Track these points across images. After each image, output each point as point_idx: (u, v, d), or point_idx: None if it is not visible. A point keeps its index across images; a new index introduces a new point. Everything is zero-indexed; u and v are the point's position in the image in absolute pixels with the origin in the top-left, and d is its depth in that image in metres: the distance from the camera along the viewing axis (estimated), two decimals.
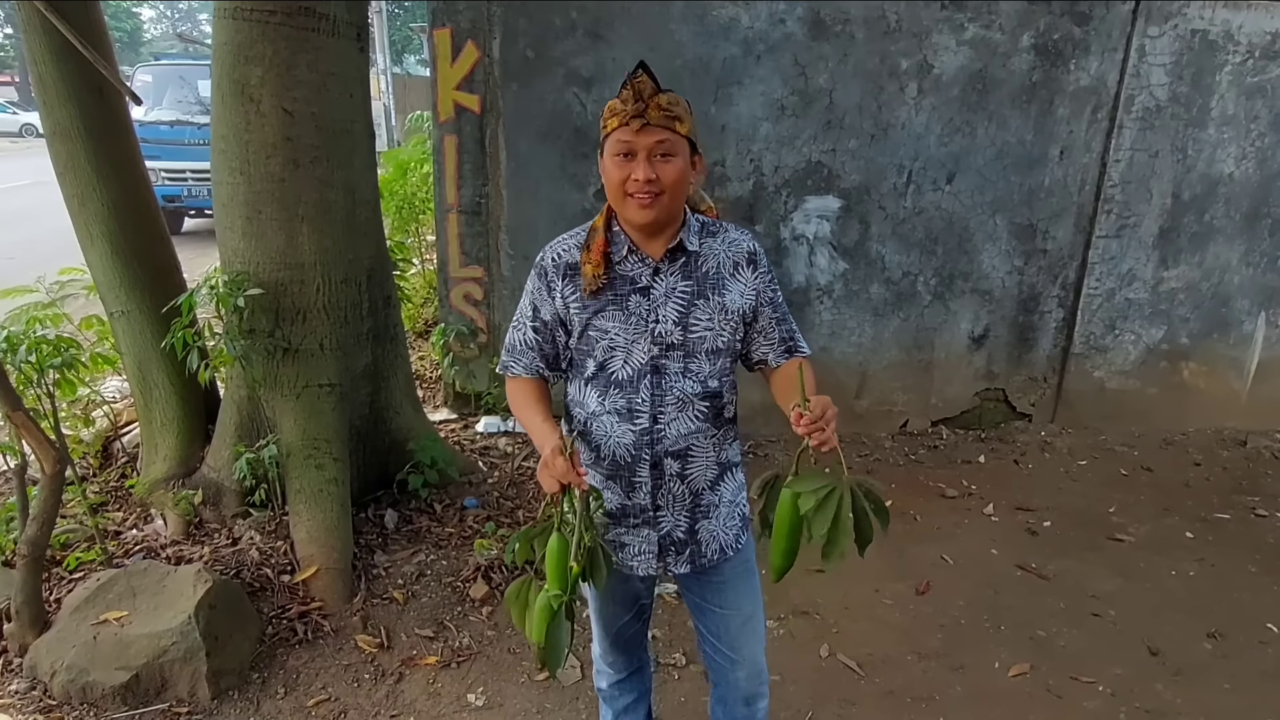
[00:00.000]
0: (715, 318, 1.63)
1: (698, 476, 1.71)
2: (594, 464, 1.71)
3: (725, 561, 1.80)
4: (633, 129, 1.49)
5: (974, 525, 3.73)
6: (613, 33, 3.99)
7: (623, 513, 1.73)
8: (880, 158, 4.27)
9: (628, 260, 1.63)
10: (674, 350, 1.62)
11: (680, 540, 1.75)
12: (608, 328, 1.63)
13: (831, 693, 2.64)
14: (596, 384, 1.67)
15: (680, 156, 1.53)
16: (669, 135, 1.50)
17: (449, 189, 4.15)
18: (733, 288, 1.64)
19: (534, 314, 1.71)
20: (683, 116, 1.52)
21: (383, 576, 3.06)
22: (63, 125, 3.04)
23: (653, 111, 1.49)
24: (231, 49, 2.83)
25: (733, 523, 1.80)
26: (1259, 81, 4.27)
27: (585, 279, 1.61)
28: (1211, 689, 2.71)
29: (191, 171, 9.40)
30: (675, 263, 1.62)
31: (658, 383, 1.63)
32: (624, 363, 1.64)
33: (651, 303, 1.61)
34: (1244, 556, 3.52)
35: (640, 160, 1.50)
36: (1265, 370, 4.77)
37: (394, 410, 3.49)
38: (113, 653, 2.43)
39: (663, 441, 1.65)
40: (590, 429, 1.69)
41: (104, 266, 3.19)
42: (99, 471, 3.56)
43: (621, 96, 1.51)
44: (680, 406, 1.64)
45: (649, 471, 1.68)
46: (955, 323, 4.57)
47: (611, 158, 1.53)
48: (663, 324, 1.61)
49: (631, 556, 1.76)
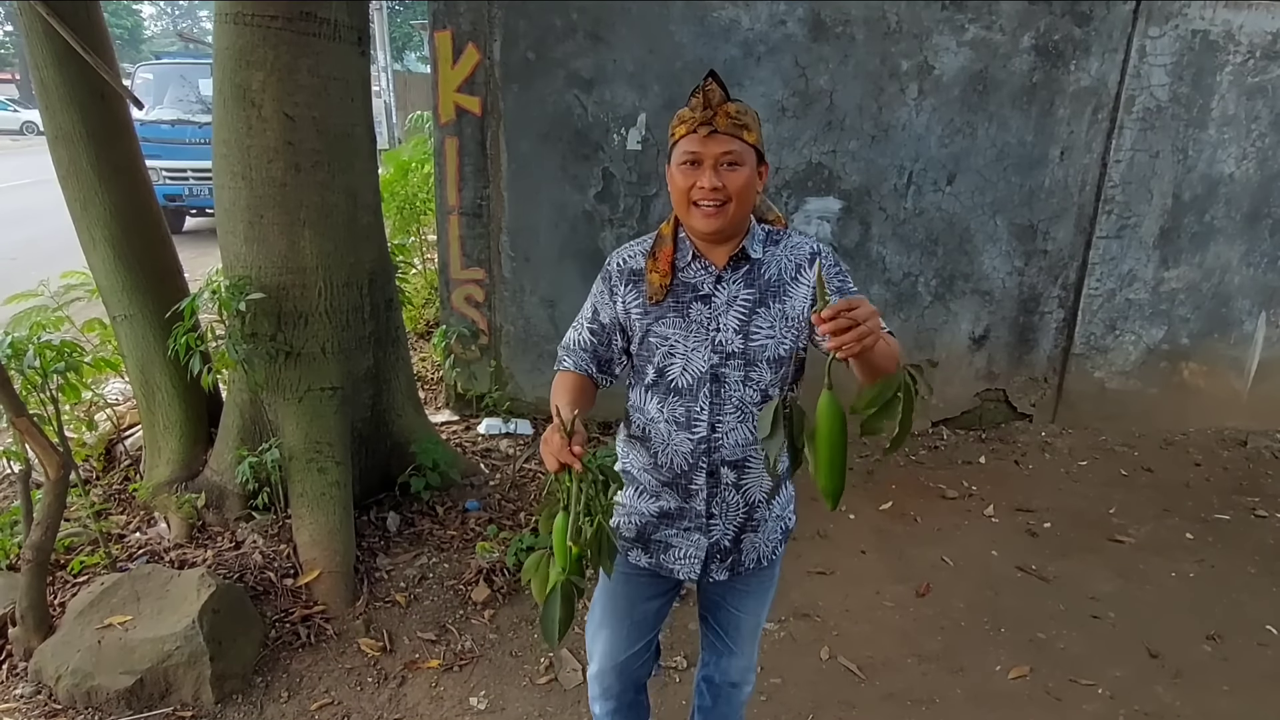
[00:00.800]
0: (777, 325, 1.60)
1: (753, 488, 1.70)
2: (651, 470, 1.71)
3: (755, 576, 1.81)
4: (700, 136, 1.48)
5: (974, 526, 3.74)
6: (613, 34, 3.99)
7: (679, 514, 1.72)
8: (881, 159, 4.27)
9: (691, 267, 1.62)
10: (734, 359, 1.60)
11: (725, 549, 1.75)
12: (668, 334, 1.62)
13: (832, 695, 2.65)
14: (656, 391, 1.66)
15: (747, 165, 1.51)
16: (736, 144, 1.49)
17: (450, 191, 4.16)
18: (795, 293, 1.61)
19: (593, 315, 1.71)
20: (751, 125, 1.51)
21: (385, 579, 3.07)
22: (65, 129, 3.04)
23: (721, 119, 1.47)
24: (233, 54, 2.83)
25: (774, 536, 1.80)
26: (1260, 82, 4.27)
27: (651, 287, 1.61)
28: (1211, 691, 2.72)
29: (193, 170, 9.41)
30: (738, 270, 1.61)
31: (717, 391, 1.62)
32: (683, 370, 1.63)
33: (713, 310, 1.60)
34: (1244, 558, 3.53)
35: (706, 168, 1.49)
36: (1266, 370, 4.77)
37: (396, 413, 3.50)
38: (117, 657, 2.45)
39: (720, 451, 1.64)
40: (649, 435, 1.69)
41: (106, 270, 3.20)
42: (102, 474, 3.57)
43: (690, 104, 1.50)
44: (740, 416, 1.62)
45: (705, 480, 1.67)
46: (956, 323, 4.57)
47: (678, 166, 1.52)
48: (723, 332, 1.60)
49: (675, 559, 1.76)
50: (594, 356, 1.72)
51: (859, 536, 3.60)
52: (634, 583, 1.82)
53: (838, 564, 3.39)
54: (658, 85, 4.07)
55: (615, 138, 4.14)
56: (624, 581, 1.81)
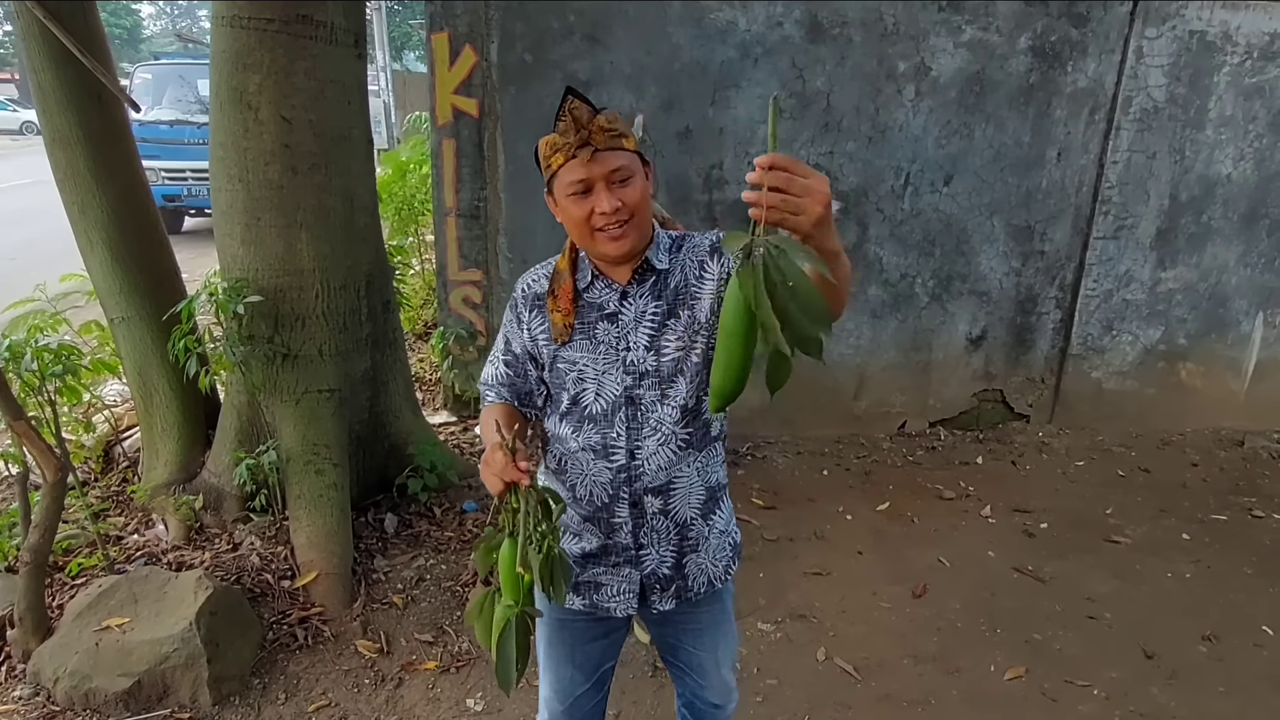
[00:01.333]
0: (685, 334, 1.49)
1: (682, 509, 1.59)
2: (572, 504, 1.60)
3: (704, 609, 1.70)
4: (581, 160, 1.37)
5: (971, 527, 3.74)
6: (610, 36, 4.00)
7: (603, 552, 1.61)
8: (878, 160, 4.27)
9: (594, 287, 1.52)
10: (648, 378, 1.50)
11: (665, 577, 1.63)
12: (576, 359, 1.53)
13: (828, 696, 2.66)
14: (571, 419, 1.56)
15: (637, 175, 1.42)
16: (621, 156, 1.39)
17: (447, 193, 4.16)
18: (702, 291, 1.49)
19: (506, 346, 1.64)
20: (625, 131, 1.41)
21: (382, 581, 3.08)
22: (62, 132, 3.05)
23: (597, 136, 1.37)
24: (229, 57, 2.84)
25: (723, 554, 1.68)
26: (1257, 82, 4.27)
27: (554, 329, 1.52)
28: (1206, 692, 2.73)
29: (191, 171, 9.42)
30: (644, 284, 1.51)
31: (633, 415, 1.52)
32: (596, 395, 1.53)
33: (621, 329, 1.50)
34: (1240, 558, 3.53)
35: (599, 191, 1.39)
36: (1263, 370, 4.78)
37: (393, 414, 3.51)
38: (115, 659, 2.45)
39: (641, 479, 1.54)
40: (566, 467, 1.58)
41: (104, 273, 3.21)
42: (100, 476, 3.58)
43: (559, 129, 1.39)
44: (660, 440, 1.52)
45: (628, 511, 1.56)
46: (953, 324, 4.58)
47: (567, 197, 1.41)
48: (634, 351, 1.50)
49: (609, 597, 1.64)
50: (513, 389, 1.63)
51: (856, 537, 3.61)
52: (570, 628, 1.71)
53: (834, 565, 3.39)
54: (655, 87, 4.07)
55: None
56: (559, 627, 1.71)
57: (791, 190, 1.04)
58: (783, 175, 1.04)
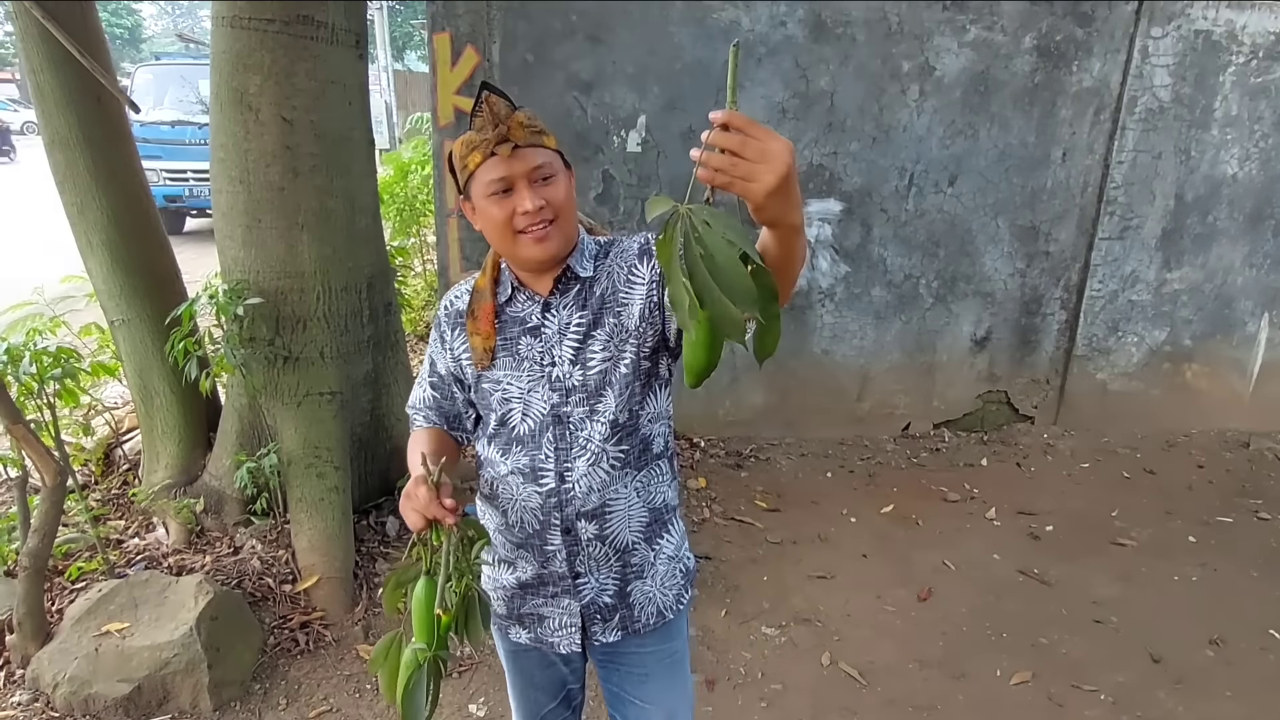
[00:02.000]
0: (611, 343, 1.39)
1: (621, 533, 1.47)
2: (504, 531, 1.51)
3: (651, 648, 1.58)
4: (501, 158, 1.28)
5: (976, 530, 3.72)
6: (613, 36, 3.98)
7: (539, 582, 1.51)
8: (882, 160, 4.25)
9: (515, 300, 1.43)
10: (574, 393, 1.41)
11: (608, 606, 1.52)
12: (500, 378, 1.44)
13: (833, 702, 2.64)
14: (499, 441, 1.47)
15: (560, 174, 1.34)
16: (543, 153, 1.31)
17: (449, 193, 4.14)
18: (632, 297, 1.38)
19: (431, 368, 1.55)
20: (546, 129, 1.33)
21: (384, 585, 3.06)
22: (61, 134, 3.03)
23: (516, 131, 1.29)
24: (230, 57, 2.82)
25: (673, 581, 1.56)
26: (1263, 82, 4.25)
27: (475, 354, 1.44)
28: (1213, 697, 2.71)
29: (193, 171, 9.41)
30: (567, 293, 1.41)
31: (561, 434, 1.42)
32: (523, 415, 1.43)
33: (544, 343, 1.41)
34: (1246, 561, 3.51)
35: (520, 190, 1.30)
36: (1269, 372, 4.75)
37: (395, 417, 3.49)
38: (115, 664, 2.44)
39: (572, 503, 1.43)
40: (497, 492, 1.49)
41: (104, 275, 3.19)
42: (101, 479, 3.56)
43: (475, 126, 1.30)
44: (591, 459, 1.42)
45: (561, 538, 1.46)
46: (957, 325, 4.55)
47: (487, 198, 1.31)
48: (559, 366, 1.40)
49: (552, 631, 1.54)
50: (440, 413, 1.55)
51: (860, 540, 3.59)
52: (525, 658, 1.64)
53: (839, 568, 3.37)
54: (658, 87, 4.05)
55: (615, 140, 4.13)
56: (514, 657, 1.65)
57: (746, 153, 0.93)
58: (737, 137, 0.93)
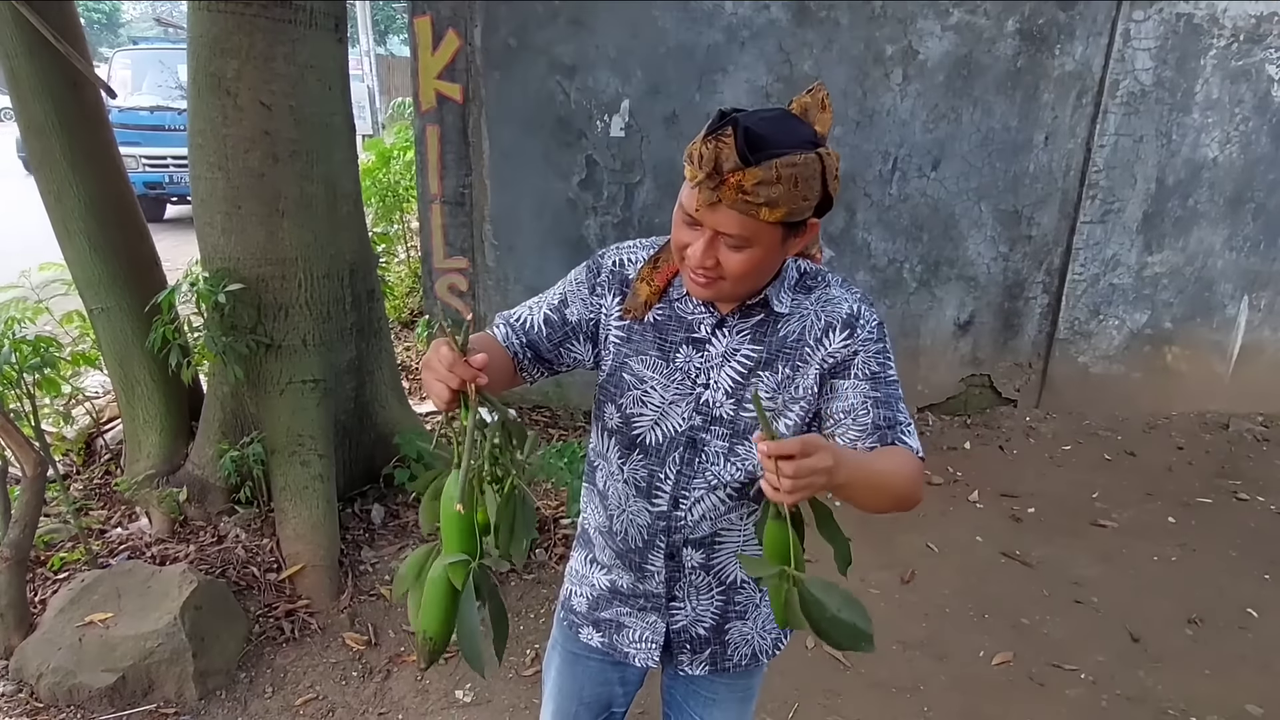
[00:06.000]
0: (781, 394, 1.25)
1: (729, 566, 1.37)
2: (606, 535, 1.40)
3: (728, 680, 1.47)
4: (700, 200, 1.09)
5: (959, 512, 3.75)
6: (595, 19, 3.95)
7: (632, 593, 1.41)
8: (865, 145, 4.25)
9: (689, 299, 1.27)
10: (719, 425, 1.27)
11: (701, 638, 1.42)
12: (645, 376, 1.29)
13: (816, 684, 2.66)
14: (619, 440, 1.34)
15: (759, 245, 1.12)
16: (747, 224, 1.09)
17: (432, 179, 4.12)
18: (814, 358, 1.24)
19: (559, 304, 1.34)
20: (777, 201, 1.06)
21: (370, 573, 3.06)
22: (37, 120, 2.98)
23: (728, 192, 1.06)
24: (206, 41, 2.78)
25: (773, 625, 1.44)
26: (1243, 65, 4.27)
27: (633, 299, 1.27)
28: (1192, 674, 2.75)
29: (173, 158, 9.28)
30: (749, 319, 1.25)
31: (690, 460, 1.29)
32: (655, 424, 1.30)
33: (705, 360, 1.26)
34: (1225, 541, 3.56)
35: (703, 238, 1.13)
36: (1248, 354, 4.80)
37: (379, 404, 3.47)
38: (99, 655, 2.43)
39: (681, 530, 1.33)
40: (606, 491, 1.38)
41: (82, 262, 3.15)
42: (82, 469, 3.53)
43: (699, 147, 1.08)
44: (711, 488, 1.30)
45: (663, 562, 1.36)
46: (941, 309, 4.57)
47: (678, 209, 1.16)
48: (712, 390, 1.26)
49: (630, 642, 1.44)
50: (528, 343, 1.33)
51: (844, 523, 3.58)
52: (584, 665, 1.52)
53: (822, 551, 3.38)
54: (641, 71, 4.03)
55: (598, 124, 4.11)
56: (572, 661, 1.53)
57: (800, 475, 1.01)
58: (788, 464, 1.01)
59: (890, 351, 1.28)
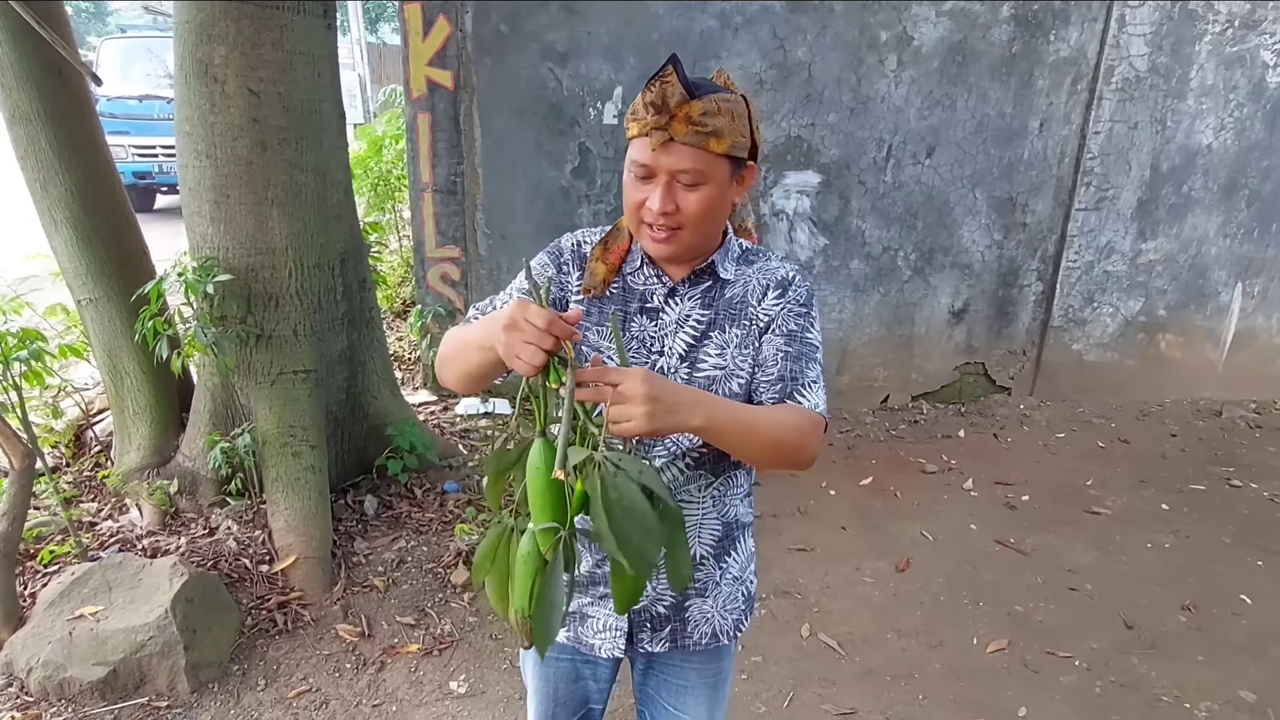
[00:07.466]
0: (729, 353, 1.30)
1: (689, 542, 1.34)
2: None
3: (696, 665, 1.48)
4: (652, 145, 1.16)
5: (954, 501, 3.75)
6: (587, 6, 3.91)
7: (589, 580, 1.41)
8: (860, 132, 4.23)
9: (641, 272, 1.33)
10: None
11: (660, 616, 1.41)
12: (601, 346, 1.32)
13: (812, 672, 2.66)
14: None
15: (711, 183, 1.20)
16: (700, 157, 1.17)
17: (423, 168, 4.08)
18: (754, 318, 1.32)
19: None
20: (723, 130, 1.16)
21: (363, 564, 3.04)
22: (22, 108, 2.94)
23: (679, 126, 1.14)
24: (194, 27, 2.75)
25: (734, 605, 1.45)
26: (1238, 51, 4.26)
27: (591, 278, 1.32)
28: (1185, 661, 2.76)
29: (162, 147, 9.20)
30: (697, 286, 1.32)
31: None
32: None
33: (659, 328, 1.31)
34: (1218, 528, 3.57)
35: (658, 185, 1.19)
36: (1241, 341, 4.81)
37: (372, 395, 3.45)
38: (89, 648, 2.41)
39: None
40: None
41: (69, 253, 3.12)
42: (72, 461, 3.50)
43: (644, 98, 1.17)
44: (672, 458, 1.32)
45: None
46: (935, 297, 4.56)
47: (629, 171, 1.23)
48: (667, 357, 1.30)
49: (594, 633, 1.43)
50: None
51: (839, 512, 3.61)
52: (554, 665, 1.52)
53: (818, 540, 3.39)
54: (633, 58, 4.00)
55: (591, 112, 4.08)
56: (544, 663, 1.53)
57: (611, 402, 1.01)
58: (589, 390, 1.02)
59: (814, 318, 1.35)
